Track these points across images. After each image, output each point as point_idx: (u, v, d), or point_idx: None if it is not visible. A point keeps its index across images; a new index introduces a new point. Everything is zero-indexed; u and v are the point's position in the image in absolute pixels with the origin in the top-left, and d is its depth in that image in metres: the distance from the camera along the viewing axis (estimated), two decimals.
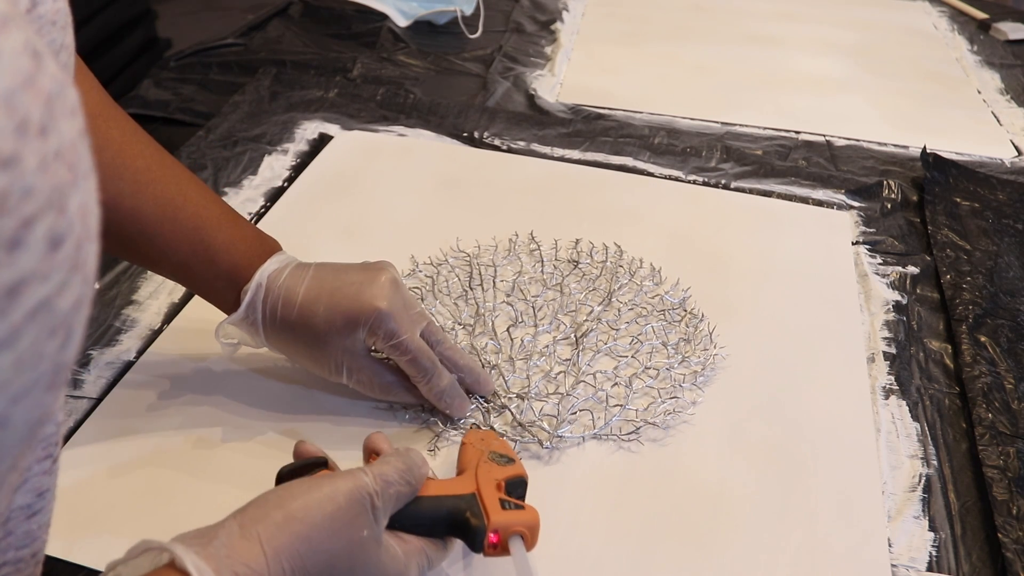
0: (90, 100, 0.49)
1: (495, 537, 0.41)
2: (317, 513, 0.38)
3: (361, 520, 0.39)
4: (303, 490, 0.38)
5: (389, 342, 0.52)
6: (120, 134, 0.50)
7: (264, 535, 0.36)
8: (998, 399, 0.61)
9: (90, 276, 0.21)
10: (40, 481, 0.32)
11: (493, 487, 0.44)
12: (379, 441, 0.47)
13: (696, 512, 0.53)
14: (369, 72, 1.03)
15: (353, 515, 0.39)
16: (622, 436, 0.56)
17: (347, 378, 0.54)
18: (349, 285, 0.52)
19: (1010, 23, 1.28)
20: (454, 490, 0.44)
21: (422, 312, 0.54)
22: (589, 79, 1.06)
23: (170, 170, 0.52)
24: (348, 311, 0.51)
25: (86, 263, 0.20)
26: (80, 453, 0.54)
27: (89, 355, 0.61)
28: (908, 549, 0.52)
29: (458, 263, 0.70)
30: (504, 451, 0.48)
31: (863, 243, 0.78)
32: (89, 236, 0.21)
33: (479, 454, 0.47)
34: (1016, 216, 0.83)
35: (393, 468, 0.41)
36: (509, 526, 0.41)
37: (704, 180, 0.86)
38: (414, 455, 0.43)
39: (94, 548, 0.48)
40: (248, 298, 0.52)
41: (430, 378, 0.53)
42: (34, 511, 0.33)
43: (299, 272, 0.53)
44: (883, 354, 0.66)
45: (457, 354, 0.56)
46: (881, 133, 0.98)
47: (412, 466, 0.42)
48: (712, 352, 0.64)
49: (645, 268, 0.71)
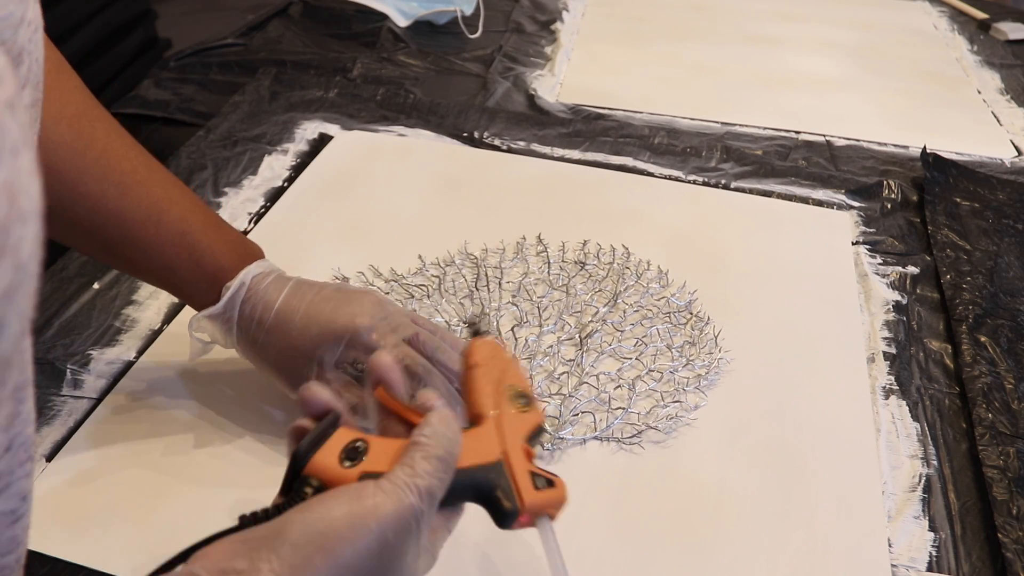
0: (74, 100, 0.48)
1: (526, 519, 0.38)
2: (366, 558, 0.34)
3: (408, 546, 0.36)
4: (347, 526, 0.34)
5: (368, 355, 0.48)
6: (105, 135, 0.49)
7: None
8: (998, 399, 0.61)
9: (23, 262, 0.19)
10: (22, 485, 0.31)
11: (522, 454, 0.39)
12: (389, 371, 0.41)
13: (697, 512, 0.53)
14: (369, 72, 1.03)
15: (400, 543, 0.35)
16: (623, 439, 0.56)
17: None
18: (328, 300, 0.52)
19: (1010, 23, 1.28)
20: (479, 456, 0.39)
21: (407, 324, 0.52)
22: (589, 79, 1.06)
23: (155, 173, 0.51)
24: (327, 323, 0.51)
25: (17, 248, 0.19)
26: (80, 453, 0.54)
27: (89, 355, 0.61)
28: (908, 549, 0.52)
29: (465, 264, 0.70)
30: (522, 387, 0.42)
31: (863, 243, 0.78)
32: (19, 218, 0.19)
33: (496, 390, 0.41)
34: (1016, 216, 0.83)
35: (436, 476, 0.36)
36: (542, 509, 0.38)
37: (704, 180, 0.86)
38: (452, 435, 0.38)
39: (93, 548, 0.48)
40: (228, 295, 0.52)
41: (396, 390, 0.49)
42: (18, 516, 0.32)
43: (281, 281, 0.53)
44: (883, 354, 0.66)
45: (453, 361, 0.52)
46: (881, 133, 0.98)
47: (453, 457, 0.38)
48: (716, 356, 0.64)
49: (652, 270, 0.71)
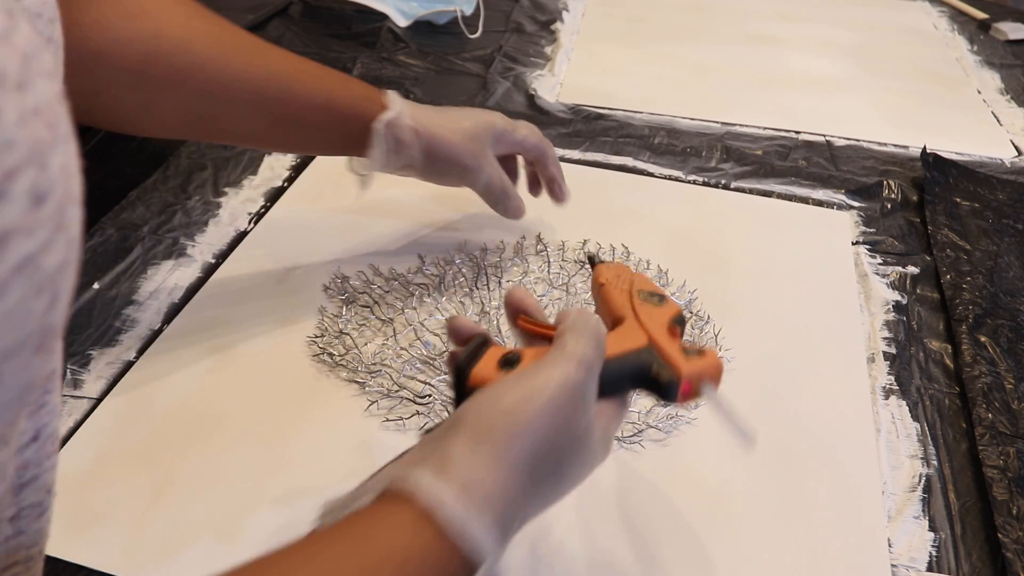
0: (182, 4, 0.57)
1: (687, 386, 0.40)
2: (545, 419, 0.36)
3: (579, 412, 0.38)
4: (522, 394, 0.37)
5: (514, 139, 0.67)
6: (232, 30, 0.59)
7: (497, 451, 0.35)
8: (998, 399, 0.61)
9: (74, 241, 0.21)
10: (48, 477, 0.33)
11: (666, 333, 0.42)
12: (524, 298, 0.45)
13: (696, 511, 0.53)
14: (369, 72, 1.03)
15: (572, 409, 0.37)
16: (624, 439, 0.56)
17: (480, 177, 0.66)
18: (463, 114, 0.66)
19: (1010, 23, 1.28)
20: (628, 344, 0.42)
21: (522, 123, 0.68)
22: (589, 79, 1.06)
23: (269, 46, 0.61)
24: (477, 124, 0.65)
25: (70, 226, 0.21)
26: (80, 453, 0.54)
27: (89, 355, 0.61)
28: (908, 549, 0.52)
29: (464, 264, 0.71)
30: (652, 288, 0.45)
31: (863, 243, 0.78)
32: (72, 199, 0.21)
33: (628, 295, 0.45)
34: (1016, 216, 0.83)
35: (589, 347, 0.39)
36: (700, 375, 0.41)
37: (704, 180, 0.86)
38: (594, 321, 0.41)
39: (94, 548, 0.48)
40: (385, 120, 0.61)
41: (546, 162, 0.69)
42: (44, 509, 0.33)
43: (418, 106, 0.64)
44: (883, 354, 0.66)
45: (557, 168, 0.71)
46: (881, 133, 0.98)
47: (600, 337, 0.40)
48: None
49: (652, 270, 0.71)
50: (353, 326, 0.64)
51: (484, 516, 0.34)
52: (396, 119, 0.62)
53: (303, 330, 0.64)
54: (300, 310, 0.65)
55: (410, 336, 0.63)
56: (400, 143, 0.62)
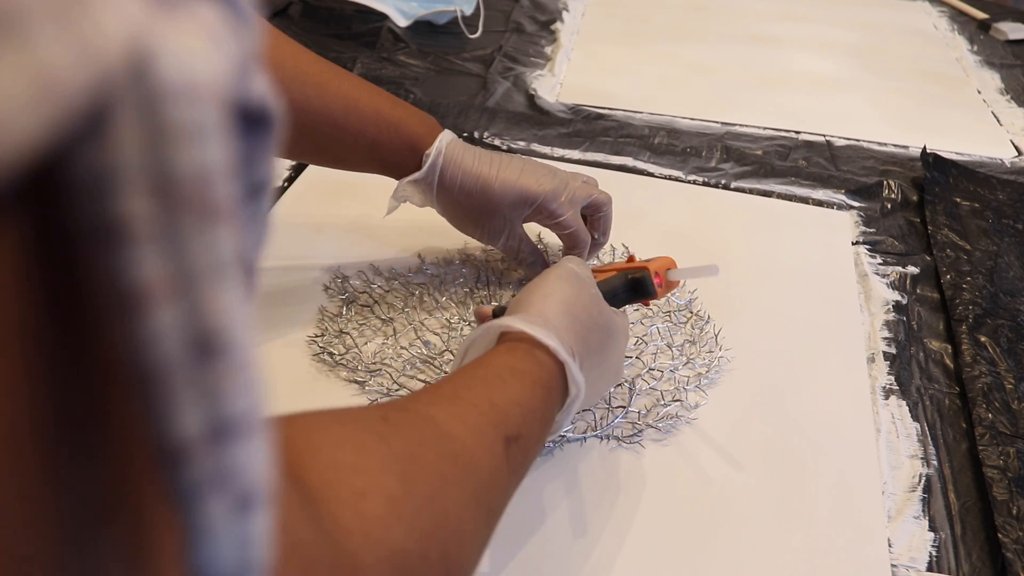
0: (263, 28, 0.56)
1: (658, 278, 0.54)
2: (563, 283, 0.49)
3: (588, 283, 0.51)
4: (538, 281, 0.50)
5: (552, 220, 0.62)
6: (289, 47, 0.58)
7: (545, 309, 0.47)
8: (998, 399, 0.61)
9: None
10: None
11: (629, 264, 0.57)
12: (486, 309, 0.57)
13: (696, 511, 0.53)
14: (369, 72, 1.03)
15: (579, 282, 0.50)
16: (623, 439, 0.56)
17: (502, 242, 0.64)
18: (513, 168, 0.61)
19: (1010, 23, 1.28)
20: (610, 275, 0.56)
21: (581, 188, 0.63)
22: (589, 79, 1.06)
23: (342, 72, 0.60)
24: (520, 189, 0.61)
25: None
26: None
27: None
28: (908, 549, 0.52)
29: (464, 264, 0.70)
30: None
31: (863, 243, 0.78)
32: None
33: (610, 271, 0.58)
34: (1016, 216, 0.83)
35: (573, 261, 0.53)
36: (661, 266, 0.56)
37: (704, 180, 0.86)
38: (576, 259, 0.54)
39: None
40: (430, 161, 0.60)
41: (582, 249, 0.65)
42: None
43: (470, 149, 0.62)
44: (883, 354, 0.66)
45: (608, 224, 0.66)
46: (881, 133, 0.98)
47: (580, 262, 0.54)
48: (717, 355, 0.64)
49: None
50: (353, 326, 0.64)
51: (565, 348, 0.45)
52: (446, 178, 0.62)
53: (303, 330, 0.64)
54: (300, 310, 0.65)
55: (410, 336, 0.63)
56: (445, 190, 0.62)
